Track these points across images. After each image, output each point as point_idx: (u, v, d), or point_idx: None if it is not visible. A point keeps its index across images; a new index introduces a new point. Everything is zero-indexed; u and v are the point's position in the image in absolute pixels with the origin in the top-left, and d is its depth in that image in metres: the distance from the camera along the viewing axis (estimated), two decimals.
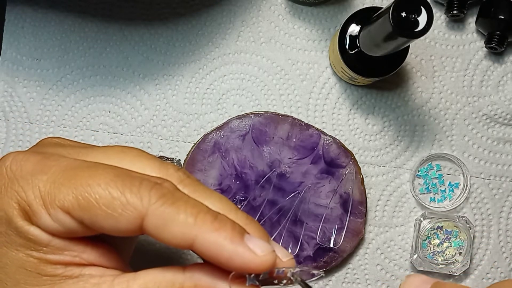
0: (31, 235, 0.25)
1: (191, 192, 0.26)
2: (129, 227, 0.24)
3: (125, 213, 0.24)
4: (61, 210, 0.24)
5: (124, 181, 0.24)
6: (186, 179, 0.27)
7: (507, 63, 0.49)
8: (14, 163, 0.26)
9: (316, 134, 0.46)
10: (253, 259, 0.24)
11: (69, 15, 0.48)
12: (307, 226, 0.46)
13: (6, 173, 0.26)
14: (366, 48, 0.41)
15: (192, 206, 0.25)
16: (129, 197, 0.24)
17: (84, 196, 0.24)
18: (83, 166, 0.25)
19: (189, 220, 0.24)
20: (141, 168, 0.26)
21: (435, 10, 0.48)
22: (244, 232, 0.25)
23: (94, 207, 0.24)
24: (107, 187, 0.24)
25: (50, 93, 0.48)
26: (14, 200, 0.25)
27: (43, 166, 0.26)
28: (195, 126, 0.48)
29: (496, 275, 0.48)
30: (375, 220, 0.48)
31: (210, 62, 0.48)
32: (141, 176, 0.25)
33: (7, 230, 0.25)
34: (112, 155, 0.27)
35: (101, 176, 0.24)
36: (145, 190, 0.24)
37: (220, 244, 0.24)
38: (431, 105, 0.48)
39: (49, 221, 0.24)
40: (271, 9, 0.49)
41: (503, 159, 0.48)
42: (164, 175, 0.26)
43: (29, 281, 0.25)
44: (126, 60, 0.48)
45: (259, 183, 0.46)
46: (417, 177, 0.48)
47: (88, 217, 0.24)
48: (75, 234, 0.25)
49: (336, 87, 0.48)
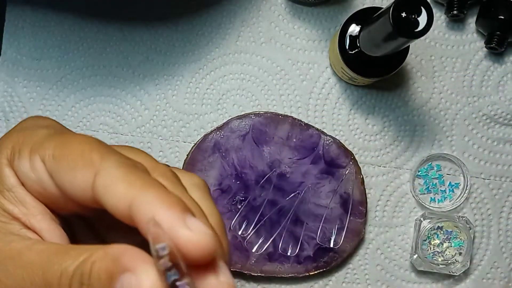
0: (3, 174, 0.26)
1: (166, 184, 0.25)
2: (82, 184, 0.24)
3: (82, 168, 0.24)
4: (39, 157, 0.25)
5: (99, 145, 0.25)
6: (169, 173, 0.26)
7: (507, 63, 0.49)
8: (32, 119, 0.29)
9: (316, 134, 0.46)
10: (183, 233, 0.21)
11: (69, 15, 0.48)
12: (307, 226, 0.46)
13: (21, 125, 0.29)
14: (366, 48, 0.41)
15: (147, 177, 0.24)
16: (93, 154, 0.24)
17: (61, 149, 0.25)
18: (78, 133, 0.27)
19: (137, 182, 0.23)
20: (134, 157, 0.26)
21: (435, 10, 0.48)
22: (188, 210, 0.23)
23: (64, 159, 0.25)
24: (82, 145, 0.25)
25: (50, 93, 0.48)
26: (12, 142, 0.26)
27: (51, 125, 0.28)
28: (195, 126, 0.48)
29: (496, 275, 0.48)
30: (375, 220, 0.48)
31: (210, 62, 0.48)
32: (115, 150, 0.26)
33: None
34: (116, 146, 0.28)
35: (84, 138, 0.26)
36: (109, 153, 0.25)
37: (154, 209, 0.22)
38: (431, 105, 0.48)
39: (27, 165, 0.25)
40: (271, 9, 0.49)
41: (503, 159, 0.48)
42: (148, 166, 0.26)
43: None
44: (126, 60, 0.48)
45: (259, 183, 0.46)
46: (417, 177, 0.48)
47: (56, 168, 0.25)
48: (43, 192, 0.26)
49: (336, 87, 0.48)
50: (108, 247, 0.22)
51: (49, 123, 0.29)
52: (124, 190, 0.23)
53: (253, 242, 0.46)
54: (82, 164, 0.24)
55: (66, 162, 0.24)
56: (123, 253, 0.22)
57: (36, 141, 0.26)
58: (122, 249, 0.22)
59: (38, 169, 0.25)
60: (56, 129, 0.28)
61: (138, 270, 0.21)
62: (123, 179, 0.23)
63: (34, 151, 0.25)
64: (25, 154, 0.26)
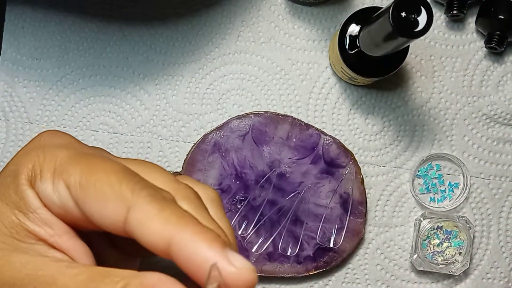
0: (26, 196, 0.26)
1: (191, 209, 0.26)
2: (113, 216, 0.24)
3: (114, 200, 0.24)
4: (64, 183, 0.25)
5: (125, 176, 0.25)
6: (192, 196, 0.27)
7: (507, 63, 0.49)
8: (49, 135, 0.29)
9: (316, 134, 0.46)
10: (229, 270, 0.22)
11: (69, 15, 0.48)
12: (307, 226, 0.46)
13: (39, 141, 0.28)
14: (366, 48, 0.41)
15: (179, 211, 0.24)
16: (123, 187, 0.25)
17: (87, 176, 0.25)
18: (100, 156, 0.27)
19: (172, 219, 0.24)
20: (153, 179, 0.27)
21: (435, 10, 0.48)
22: (227, 243, 0.24)
23: (91, 187, 0.25)
24: (108, 175, 0.25)
25: (50, 93, 0.48)
26: (32, 161, 0.26)
27: (70, 144, 0.28)
28: (195, 126, 0.48)
29: (496, 275, 0.48)
30: (375, 220, 0.48)
31: (210, 62, 0.48)
32: (142, 178, 0.26)
33: (10, 184, 0.26)
34: (131, 162, 0.28)
35: (109, 165, 0.26)
36: (139, 187, 0.25)
37: (197, 246, 0.23)
38: (431, 105, 0.48)
39: (50, 189, 0.25)
40: (271, 9, 0.49)
41: (503, 159, 0.48)
42: (170, 188, 0.26)
43: (0, 236, 0.26)
44: (126, 60, 0.48)
45: (259, 183, 0.46)
46: (417, 177, 0.48)
47: (82, 196, 0.25)
48: (66, 214, 0.26)
49: (336, 87, 0.48)
50: (143, 275, 0.23)
51: (67, 142, 0.29)
52: (160, 228, 0.23)
53: (253, 242, 0.46)
54: (113, 197, 0.24)
55: (94, 192, 0.24)
56: (158, 282, 0.22)
57: (58, 163, 0.26)
58: (156, 278, 0.23)
59: (62, 195, 0.25)
60: (75, 149, 0.28)
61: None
62: (158, 215, 0.24)
63: (58, 176, 0.25)
64: (47, 176, 0.26)
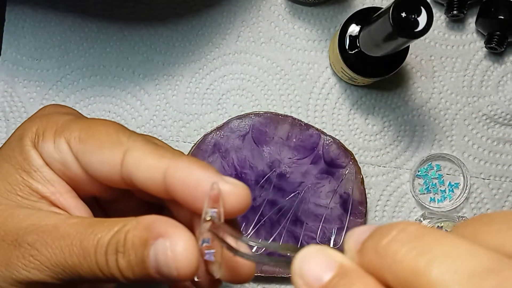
0: (29, 156, 0.27)
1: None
2: (111, 160, 0.25)
3: (111, 146, 0.25)
4: (64, 140, 0.27)
5: (122, 128, 0.27)
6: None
7: (507, 63, 0.49)
8: (53, 106, 0.31)
9: (316, 134, 0.46)
10: (225, 187, 0.23)
11: (69, 15, 0.48)
12: (307, 226, 0.46)
13: (43, 111, 0.30)
14: (366, 48, 0.41)
15: (173, 150, 0.26)
16: (120, 135, 0.26)
17: (86, 130, 0.26)
18: (101, 118, 0.29)
19: (167, 154, 0.25)
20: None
21: (435, 10, 0.48)
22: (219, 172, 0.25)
23: (90, 138, 0.26)
24: (107, 127, 0.26)
25: (50, 93, 0.48)
26: (35, 125, 0.28)
27: (72, 113, 0.30)
28: (195, 126, 0.48)
29: None
30: (375, 220, 0.48)
31: (210, 62, 0.48)
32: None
33: (15, 147, 0.28)
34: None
35: (108, 121, 0.27)
36: (135, 135, 0.26)
37: (193, 169, 0.24)
38: (431, 105, 0.48)
39: (51, 147, 0.27)
40: (271, 9, 0.49)
41: (503, 159, 0.48)
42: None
43: (4, 193, 0.27)
44: (126, 60, 0.48)
45: (259, 183, 0.46)
46: (417, 177, 0.48)
47: (82, 148, 0.26)
48: (66, 171, 0.27)
49: (336, 87, 0.48)
50: (140, 217, 0.24)
51: (70, 111, 0.31)
52: (156, 161, 0.24)
53: None
54: (110, 143, 0.25)
55: (93, 142, 0.26)
56: (155, 221, 0.23)
57: (60, 125, 0.27)
58: (153, 218, 0.24)
59: (63, 150, 0.27)
60: (77, 116, 0.30)
61: (171, 235, 0.22)
62: (154, 152, 0.25)
63: (59, 134, 0.27)
64: (49, 136, 0.27)
